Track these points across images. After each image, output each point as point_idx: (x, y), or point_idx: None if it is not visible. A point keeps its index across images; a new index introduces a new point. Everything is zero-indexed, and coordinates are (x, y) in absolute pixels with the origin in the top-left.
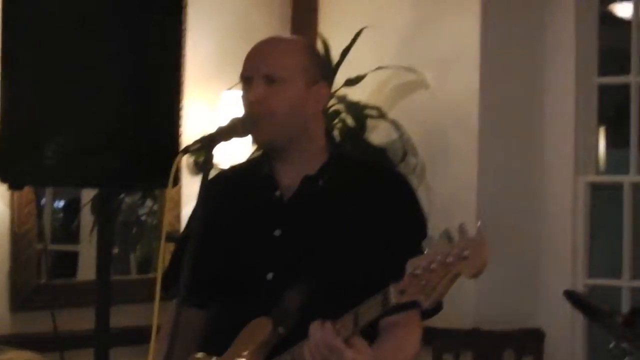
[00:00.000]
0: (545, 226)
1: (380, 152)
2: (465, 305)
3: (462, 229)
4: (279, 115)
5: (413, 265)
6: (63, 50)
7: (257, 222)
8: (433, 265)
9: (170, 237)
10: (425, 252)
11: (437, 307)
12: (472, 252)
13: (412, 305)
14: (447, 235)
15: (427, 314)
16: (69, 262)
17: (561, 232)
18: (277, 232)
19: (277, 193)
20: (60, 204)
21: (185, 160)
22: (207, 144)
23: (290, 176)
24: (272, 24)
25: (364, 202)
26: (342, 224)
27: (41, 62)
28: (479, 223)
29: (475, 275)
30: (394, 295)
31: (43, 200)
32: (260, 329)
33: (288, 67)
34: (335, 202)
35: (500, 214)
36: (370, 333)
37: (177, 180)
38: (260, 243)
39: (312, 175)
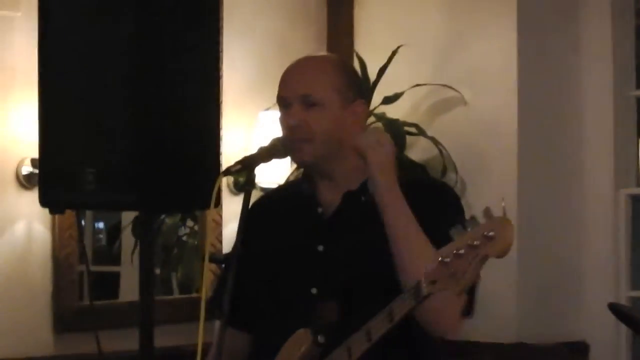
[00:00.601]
0: (586, 239)
1: (420, 169)
2: (509, 319)
3: (487, 212)
4: (318, 138)
5: (441, 254)
6: (100, 75)
7: (300, 239)
8: (461, 251)
9: (212, 258)
10: (453, 241)
11: (468, 311)
12: (497, 232)
13: None
14: (474, 221)
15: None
16: (111, 283)
17: (603, 245)
18: (320, 248)
19: (319, 210)
20: (101, 225)
21: (226, 180)
22: (248, 165)
23: (331, 193)
24: (308, 43)
25: None
26: (385, 237)
27: (79, 88)
28: (503, 203)
29: (501, 254)
30: (425, 285)
31: (83, 222)
32: (301, 340)
33: (325, 89)
34: (378, 216)
35: (541, 228)
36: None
37: (218, 202)
38: (303, 259)
39: (354, 191)
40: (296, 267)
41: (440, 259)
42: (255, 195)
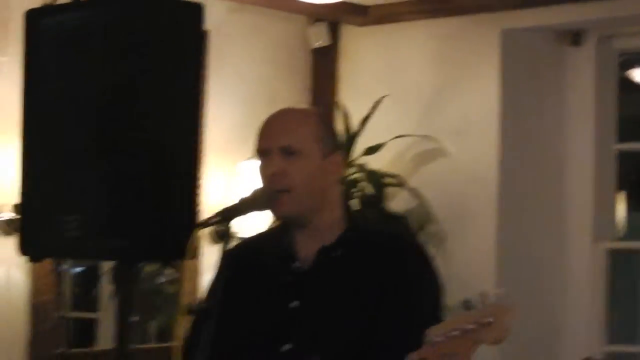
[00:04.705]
0: (564, 293)
1: (400, 220)
2: None
3: (483, 296)
4: (297, 188)
5: (433, 333)
6: (82, 123)
7: (275, 294)
8: (454, 333)
9: (190, 310)
10: (445, 320)
11: None
12: (495, 318)
13: None
14: (467, 304)
15: None
16: (88, 330)
17: (581, 299)
18: (294, 304)
19: (296, 264)
20: (79, 270)
21: (205, 230)
22: (226, 217)
23: (308, 247)
24: (292, 93)
25: (380, 272)
26: (359, 294)
27: (61, 135)
28: (503, 290)
29: (498, 341)
30: None
31: (62, 267)
32: None
33: (304, 139)
34: (352, 272)
35: (519, 281)
36: None
37: (196, 253)
38: (277, 315)
39: (329, 246)
40: (270, 322)
41: (430, 339)
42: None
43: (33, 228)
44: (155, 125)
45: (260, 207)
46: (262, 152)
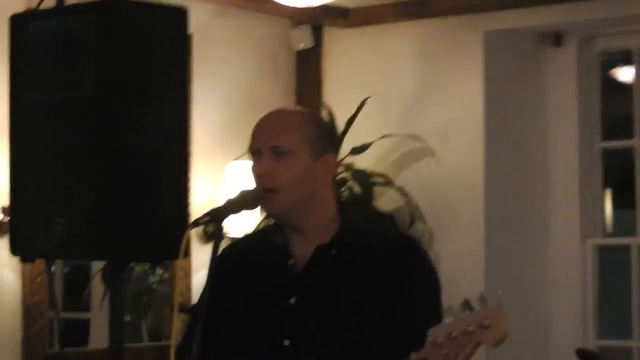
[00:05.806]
0: (554, 289)
1: (388, 219)
2: None
3: (482, 299)
4: (287, 188)
5: (434, 333)
6: (69, 127)
7: (272, 291)
8: (455, 334)
9: (182, 308)
10: (446, 321)
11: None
12: (493, 321)
13: None
14: (467, 305)
15: None
16: (81, 330)
17: (570, 295)
18: (292, 300)
19: (291, 262)
20: (71, 270)
21: (195, 230)
22: (216, 217)
23: (302, 245)
24: (277, 95)
25: (378, 271)
26: (357, 291)
27: (49, 139)
28: (500, 293)
29: (496, 344)
30: None
31: (53, 268)
32: None
33: (295, 140)
34: (350, 271)
35: (508, 279)
36: None
37: (187, 252)
38: (276, 311)
39: (325, 245)
40: (268, 318)
41: (432, 339)
42: (224, 244)
43: (23, 229)
44: (142, 127)
45: (247, 206)
46: (254, 151)
